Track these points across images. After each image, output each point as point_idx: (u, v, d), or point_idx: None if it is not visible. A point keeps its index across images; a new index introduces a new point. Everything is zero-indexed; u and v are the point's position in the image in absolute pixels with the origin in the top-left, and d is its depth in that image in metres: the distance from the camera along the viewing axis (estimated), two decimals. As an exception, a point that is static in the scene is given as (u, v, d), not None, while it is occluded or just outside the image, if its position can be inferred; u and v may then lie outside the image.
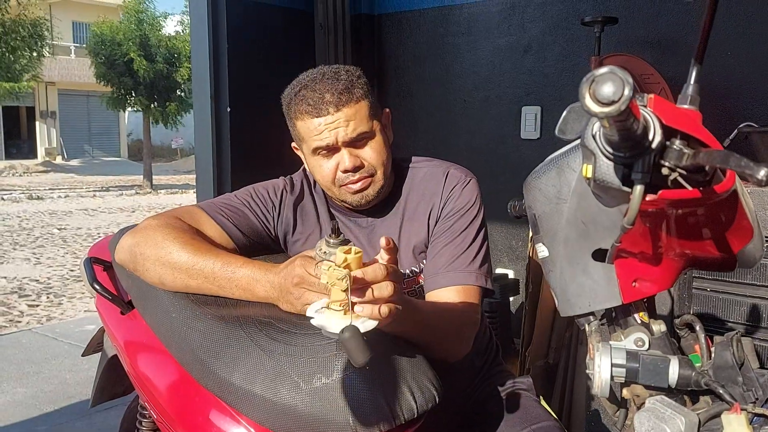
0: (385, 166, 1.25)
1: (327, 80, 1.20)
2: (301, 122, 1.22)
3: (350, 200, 1.25)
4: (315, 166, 1.25)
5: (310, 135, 1.21)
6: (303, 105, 1.19)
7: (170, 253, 1.10)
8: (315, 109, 1.18)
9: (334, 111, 1.18)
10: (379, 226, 1.31)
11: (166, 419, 1.14)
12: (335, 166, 1.22)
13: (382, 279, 0.87)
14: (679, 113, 0.61)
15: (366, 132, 1.21)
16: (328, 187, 1.26)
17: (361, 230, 1.32)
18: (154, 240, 1.12)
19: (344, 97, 1.18)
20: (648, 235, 0.71)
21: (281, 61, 2.83)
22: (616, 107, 0.49)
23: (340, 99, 1.18)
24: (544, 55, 2.66)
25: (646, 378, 0.72)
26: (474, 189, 1.29)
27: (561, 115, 0.81)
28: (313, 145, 1.21)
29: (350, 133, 1.19)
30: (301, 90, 1.21)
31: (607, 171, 0.61)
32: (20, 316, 4.87)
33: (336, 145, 1.20)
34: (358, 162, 1.21)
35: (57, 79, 22.86)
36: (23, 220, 10.26)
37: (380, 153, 1.24)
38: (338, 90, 1.18)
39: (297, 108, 1.21)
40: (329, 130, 1.18)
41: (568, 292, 0.77)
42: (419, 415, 1.00)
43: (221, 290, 1.09)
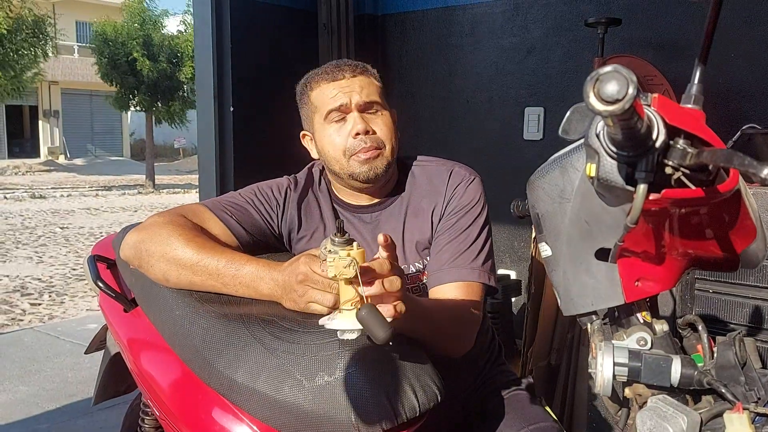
0: (393, 144, 1.28)
1: (345, 60, 1.31)
2: (316, 91, 1.28)
3: (359, 172, 1.25)
4: (326, 137, 1.27)
5: (325, 99, 1.26)
6: (320, 75, 1.28)
7: (175, 250, 1.10)
8: (331, 75, 1.26)
9: (350, 76, 1.26)
10: (383, 222, 1.32)
11: (169, 417, 1.14)
12: (347, 132, 1.25)
13: (388, 273, 0.88)
14: (682, 112, 0.61)
15: (378, 102, 1.27)
16: (337, 159, 1.26)
17: (365, 226, 1.32)
18: (159, 237, 1.13)
19: (360, 68, 1.28)
20: (651, 234, 0.71)
21: (284, 61, 2.84)
22: (620, 106, 0.50)
23: (356, 68, 1.27)
24: (547, 56, 2.67)
25: (649, 377, 0.72)
26: (478, 187, 1.30)
27: (564, 116, 0.81)
28: (327, 109, 1.25)
29: (364, 97, 1.25)
30: (317, 69, 1.30)
31: (611, 170, 0.61)
32: (22, 315, 4.88)
33: (349, 107, 1.24)
34: (368, 127, 1.25)
35: (60, 78, 22.91)
36: (26, 219, 10.28)
37: (390, 129, 1.28)
38: (354, 64, 1.29)
39: (313, 80, 1.29)
40: (344, 92, 1.24)
41: (571, 291, 0.77)
42: (421, 414, 1.00)
43: (225, 287, 1.10)
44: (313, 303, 1.02)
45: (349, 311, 0.86)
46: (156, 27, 16.08)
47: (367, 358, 1.00)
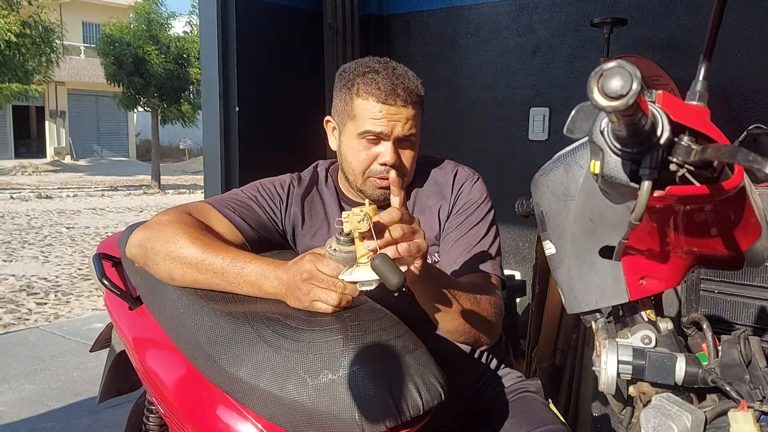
0: (411, 174, 1.29)
1: (399, 75, 1.23)
2: (362, 101, 1.22)
3: (371, 193, 1.27)
4: (352, 148, 1.26)
5: (367, 116, 1.22)
6: (372, 86, 1.21)
7: (180, 248, 1.11)
8: (384, 95, 1.20)
9: (402, 105, 1.21)
10: None
11: (174, 414, 1.14)
12: (374, 156, 1.24)
13: (399, 220, 0.91)
14: (687, 109, 0.61)
15: (414, 136, 1.25)
16: (354, 174, 1.27)
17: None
18: (164, 235, 1.13)
19: (412, 98, 1.22)
20: (655, 232, 0.71)
21: (290, 62, 2.84)
22: (624, 101, 0.49)
23: (409, 97, 1.22)
24: (552, 56, 2.66)
25: (653, 375, 0.72)
26: (483, 186, 1.33)
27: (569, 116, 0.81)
28: (364, 127, 1.22)
29: (405, 131, 1.22)
30: (371, 73, 1.23)
31: (615, 167, 0.61)
32: (28, 314, 4.90)
33: (387, 136, 1.22)
34: (398, 162, 1.24)
35: (66, 79, 22.99)
36: (32, 219, 10.32)
37: (414, 161, 1.28)
38: (409, 89, 1.22)
39: (364, 87, 1.22)
40: (389, 119, 1.21)
41: (575, 289, 0.77)
42: (425, 412, 1.00)
43: (230, 286, 1.10)
44: (318, 301, 1.02)
45: (365, 264, 0.91)
46: (163, 28, 16.13)
47: (372, 356, 1.00)
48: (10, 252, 7.48)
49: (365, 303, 1.18)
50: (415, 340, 1.08)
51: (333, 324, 1.04)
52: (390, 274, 0.87)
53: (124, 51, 15.29)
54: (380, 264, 0.87)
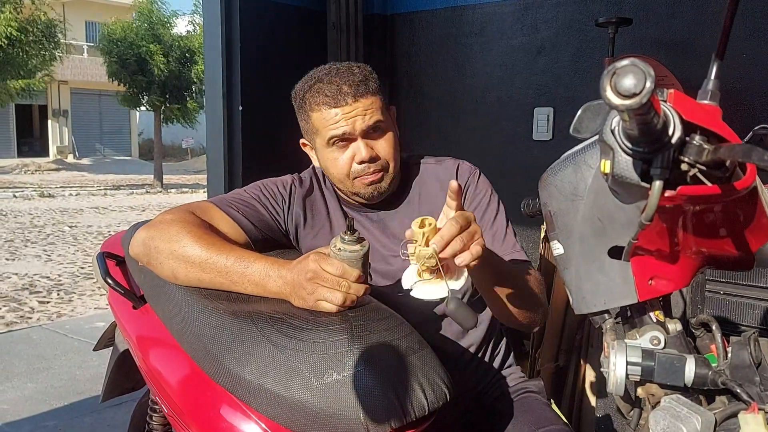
0: (396, 160, 1.28)
1: (342, 73, 1.22)
2: (317, 113, 1.23)
3: (363, 192, 1.27)
4: (328, 159, 1.26)
5: (326, 125, 1.22)
6: (320, 96, 1.21)
7: (184, 247, 1.10)
8: (333, 99, 1.20)
9: (352, 101, 1.20)
10: (390, 219, 1.33)
11: (177, 413, 1.14)
12: (350, 157, 1.24)
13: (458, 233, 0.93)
14: (699, 108, 0.60)
15: (381, 121, 1.23)
16: (341, 180, 1.27)
17: (372, 224, 1.33)
18: (168, 234, 1.12)
19: (361, 89, 1.21)
20: (665, 232, 0.70)
21: (293, 60, 2.83)
22: (637, 100, 0.49)
23: (357, 90, 1.20)
24: (557, 56, 2.65)
25: (662, 377, 0.72)
26: (485, 178, 1.35)
27: (574, 116, 0.81)
28: (328, 135, 1.22)
29: (367, 121, 1.21)
30: (315, 83, 1.23)
31: (626, 166, 0.61)
32: (31, 313, 4.90)
33: (353, 134, 1.21)
34: (373, 153, 1.23)
35: (69, 78, 23.03)
36: (35, 218, 10.34)
37: (393, 146, 1.26)
38: (354, 82, 1.21)
39: (313, 100, 1.23)
40: (347, 119, 1.20)
41: (583, 289, 0.77)
42: (430, 413, 1.00)
43: (234, 285, 1.09)
44: (323, 301, 1.02)
45: (429, 280, 0.95)
46: (165, 27, 16.15)
47: (377, 356, 1.00)
48: (12, 250, 7.49)
49: (370, 303, 1.17)
50: (420, 340, 1.07)
51: (338, 324, 1.03)
52: (464, 318, 0.94)
53: (127, 50, 15.31)
54: (455, 309, 0.93)
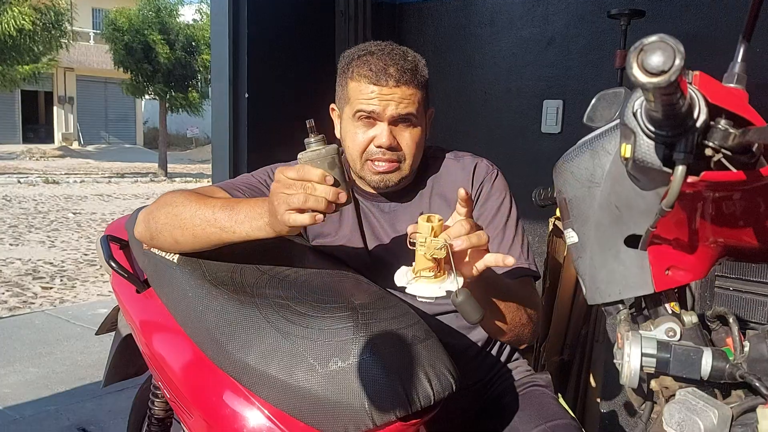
0: (414, 159, 1.24)
1: (395, 55, 1.20)
2: (355, 83, 1.20)
3: (370, 179, 1.24)
4: (349, 132, 1.24)
5: (359, 97, 1.19)
6: (364, 68, 1.18)
7: (176, 208, 1.10)
8: (375, 76, 1.17)
9: (393, 85, 1.17)
10: (402, 212, 1.30)
11: (180, 399, 1.13)
12: (370, 138, 1.21)
13: (470, 231, 0.92)
14: (725, 91, 0.58)
15: (413, 115, 1.20)
16: (353, 158, 1.25)
17: (383, 215, 1.31)
18: (163, 205, 1.13)
19: (406, 77, 1.18)
20: (684, 221, 0.68)
21: (301, 49, 2.81)
22: (665, 77, 0.47)
23: (402, 76, 1.17)
24: (567, 47, 2.62)
25: (678, 369, 0.70)
26: (503, 180, 1.31)
27: (583, 109, 0.79)
28: (357, 107, 1.20)
29: (400, 110, 1.18)
30: (366, 55, 1.20)
31: (648, 151, 0.59)
32: (34, 298, 4.91)
33: (381, 117, 1.19)
34: (394, 142, 1.20)
35: (75, 65, 23.01)
36: (39, 204, 10.35)
37: (416, 143, 1.23)
38: (403, 68, 1.18)
39: (357, 69, 1.20)
40: (381, 100, 1.17)
41: (598, 279, 0.75)
42: (435, 403, 0.98)
43: (225, 233, 1.05)
44: (289, 211, 0.94)
45: (427, 277, 0.91)
46: (172, 15, 16.11)
47: (382, 344, 0.98)
48: (16, 236, 7.50)
49: (376, 291, 1.16)
50: (427, 329, 1.06)
51: (344, 311, 1.02)
52: (471, 311, 0.91)
53: (133, 38, 15.28)
54: (463, 301, 0.90)
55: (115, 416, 2.79)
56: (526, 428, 1.18)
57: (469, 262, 0.95)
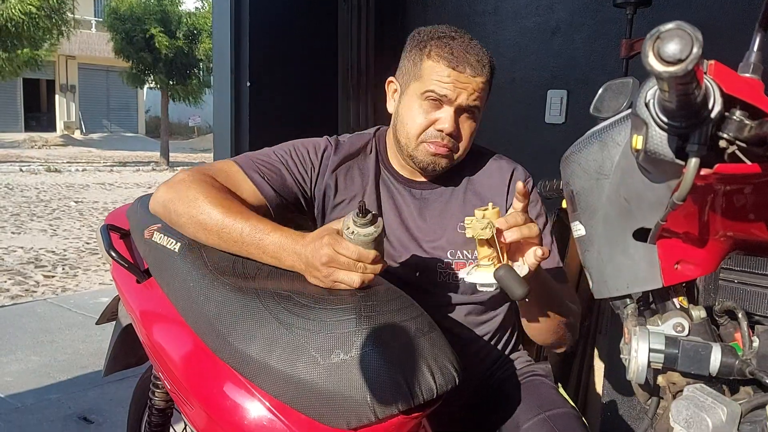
0: (465, 150, 1.25)
1: (474, 47, 1.21)
2: (432, 62, 1.19)
3: (421, 159, 1.24)
4: (412, 108, 1.22)
5: (434, 77, 1.19)
6: (445, 50, 1.19)
7: (202, 213, 1.09)
8: (456, 61, 1.17)
9: (471, 74, 1.17)
10: (431, 201, 1.30)
11: (180, 390, 1.12)
12: (433, 120, 1.21)
13: (523, 223, 0.94)
14: (740, 81, 0.56)
15: (478, 108, 1.22)
16: (408, 136, 1.23)
17: (413, 200, 1.30)
18: (186, 197, 1.11)
19: (484, 70, 1.19)
20: (694, 214, 0.67)
21: (303, 37, 2.79)
22: (682, 66, 0.45)
23: (481, 68, 1.18)
24: (572, 37, 2.60)
25: (686, 365, 0.69)
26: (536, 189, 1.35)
27: (588, 100, 0.77)
28: (429, 86, 1.19)
29: (470, 101, 1.19)
30: (446, 38, 1.21)
31: (660, 142, 0.57)
32: (36, 286, 4.91)
33: (451, 102, 1.19)
34: (456, 130, 1.21)
35: (77, 53, 22.93)
36: (41, 192, 10.35)
37: (472, 136, 1.25)
38: (482, 61, 1.19)
39: (437, 50, 1.20)
40: (456, 85, 1.17)
41: (605, 272, 0.74)
42: (438, 396, 0.97)
43: (250, 255, 1.09)
44: (339, 282, 1.00)
45: (486, 266, 0.93)
46: (173, 3, 16.02)
47: (385, 337, 0.97)
48: (18, 224, 7.50)
49: (380, 283, 1.15)
50: (430, 322, 1.05)
51: (346, 303, 1.01)
52: (514, 286, 0.90)
53: (134, 26, 15.21)
54: (504, 275, 0.90)
55: (117, 405, 2.79)
56: (525, 417, 1.17)
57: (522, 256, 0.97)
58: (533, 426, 1.15)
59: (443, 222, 1.27)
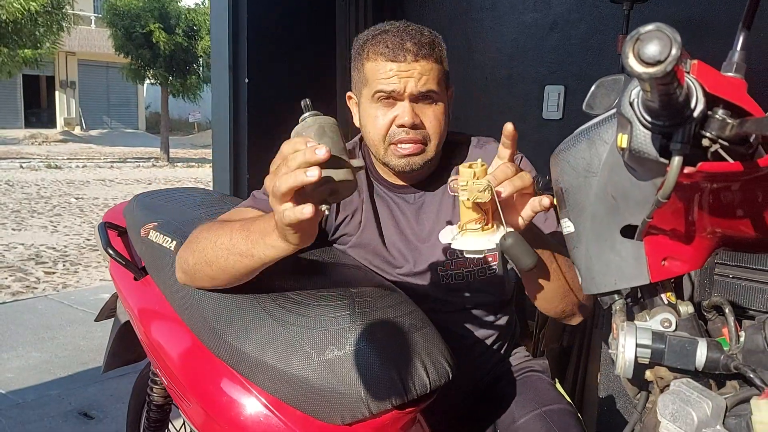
0: (439, 138, 1.19)
1: (411, 31, 1.15)
2: (372, 63, 1.15)
3: (395, 163, 1.18)
4: (369, 116, 1.18)
5: (377, 77, 1.14)
6: (380, 46, 1.14)
7: (199, 243, 1.01)
8: (392, 52, 1.12)
9: (412, 60, 1.12)
10: (428, 203, 1.26)
11: (177, 386, 1.13)
12: (391, 119, 1.16)
13: (514, 174, 0.83)
14: (723, 81, 0.57)
15: (434, 92, 1.15)
16: (375, 143, 1.19)
17: (408, 206, 1.26)
18: (190, 242, 1.05)
19: (424, 51, 1.13)
20: (681, 211, 0.67)
21: (301, 33, 2.79)
22: (661, 68, 0.46)
23: (420, 50, 1.12)
24: (569, 32, 2.60)
25: (672, 360, 0.70)
26: (527, 162, 1.28)
27: (585, 95, 0.78)
28: (376, 88, 1.14)
29: (420, 87, 1.13)
30: (381, 33, 1.16)
31: (644, 141, 0.58)
32: (37, 283, 4.92)
33: (401, 94, 1.14)
34: (417, 120, 1.15)
35: (77, 49, 22.91)
36: (41, 189, 10.36)
37: (440, 122, 1.18)
38: (420, 42, 1.13)
39: (372, 48, 1.15)
40: (400, 77, 1.12)
41: (594, 269, 0.74)
42: (432, 391, 0.99)
43: (244, 258, 0.95)
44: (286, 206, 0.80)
45: (474, 230, 0.82)
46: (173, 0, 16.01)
47: (379, 333, 0.98)
48: (19, 221, 7.51)
49: (374, 280, 1.16)
50: (424, 317, 1.06)
51: (340, 299, 1.02)
52: (524, 254, 0.80)
53: (133, 22, 15.19)
54: (513, 245, 0.80)
55: (118, 401, 2.80)
56: (521, 413, 1.18)
57: (515, 211, 0.87)
58: (529, 421, 1.16)
59: (439, 220, 1.24)
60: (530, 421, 1.16)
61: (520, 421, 1.17)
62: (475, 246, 0.81)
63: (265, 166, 0.82)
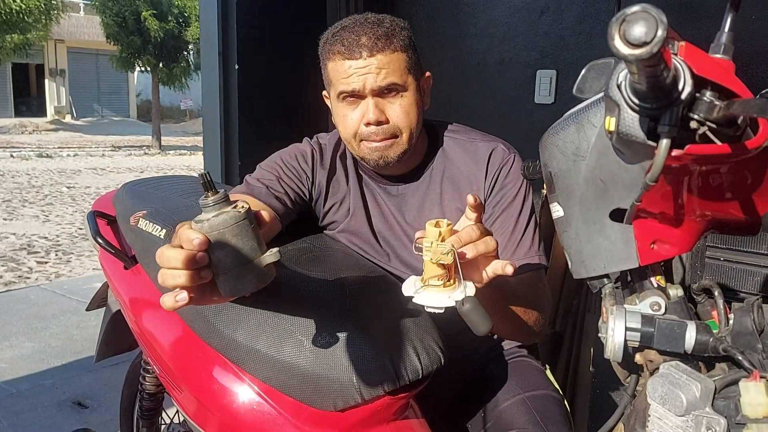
0: (412, 129, 1.17)
1: (368, 24, 1.13)
2: (332, 63, 1.14)
3: (369, 158, 1.18)
4: (339, 116, 1.18)
5: (338, 78, 1.13)
6: (337, 45, 1.12)
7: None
8: (348, 51, 1.11)
9: (368, 55, 1.10)
10: (410, 195, 1.26)
11: (169, 375, 1.13)
12: (359, 117, 1.15)
13: (479, 237, 0.83)
14: (711, 63, 0.57)
15: (397, 84, 1.13)
16: (348, 140, 1.20)
17: (391, 198, 1.27)
18: None
19: (381, 43, 1.10)
20: (669, 194, 0.67)
21: (291, 19, 2.77)
22: (647, 49, 0.45)
23: (376, 44, 1.10)
24: (561, 16, 2.58)
25: (662, 343, 0.70)
26: (518, 166, 1.25)
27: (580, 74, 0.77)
28: (339, 88, 1.14)
29: (380, 81, 1.11)
30: (339, 31, 1.14)
31: (632, 123, 0.57)
32: (29, 273, 4.91)
33: (363, 92, 1.12)
34: (382, 117, 1.13)
35: (66, 37, 22.68)
36: (32, 178, 10.29)
37: (409, 113, 1.16)
38: (377, 35, 1.11)
39: (330, 48, 1.14)
40: (358, 74, 1.11)
41: (583, 253, 0.74)
42: (424, 377, 0.99)
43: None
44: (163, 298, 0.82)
45: (436, 286, 0.83)
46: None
47: (371, 319, 0.98)
48: (10, 210, 7.47)
49: (366, 266, 1.16)
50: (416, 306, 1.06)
51: (332, 286, 1.01)
52: (479, 321, 0.82)
53: (124, 9, 15.04)
54: (470, 310, 0.82)
55: (111, 390, 2.81)
56: (504, 397, 1.18)
57: (478, 269, 0.87)
58: (511, 406, 1.15)
59: (422, 218, 1.24)
60: (512, 405, 1.15)
61: (502, 406, 1.16)
62: (435, 303, 0.83)
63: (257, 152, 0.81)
